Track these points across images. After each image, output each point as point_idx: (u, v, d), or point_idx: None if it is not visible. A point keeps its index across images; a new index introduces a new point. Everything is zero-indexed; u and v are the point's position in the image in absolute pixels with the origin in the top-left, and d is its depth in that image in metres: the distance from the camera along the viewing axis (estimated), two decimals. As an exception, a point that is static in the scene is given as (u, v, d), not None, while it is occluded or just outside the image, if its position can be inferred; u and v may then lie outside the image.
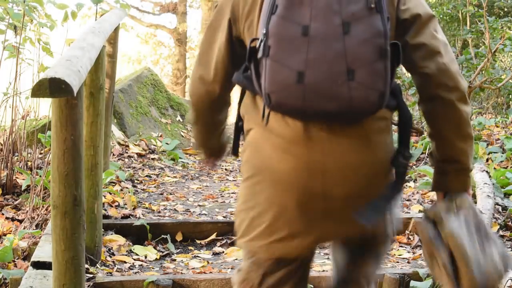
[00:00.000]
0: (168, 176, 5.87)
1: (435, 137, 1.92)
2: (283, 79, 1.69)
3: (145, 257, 3.97)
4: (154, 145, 6.56)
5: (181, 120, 7.31)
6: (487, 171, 4.76)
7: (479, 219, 1.93)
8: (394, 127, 1.94)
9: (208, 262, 3.90)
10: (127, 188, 5.06)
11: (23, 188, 4.66)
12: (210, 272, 3.66)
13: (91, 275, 3.40)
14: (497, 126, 7.03)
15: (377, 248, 2.05)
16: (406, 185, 5.33)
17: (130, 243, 4.07)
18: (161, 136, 6.80)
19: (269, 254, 1.91)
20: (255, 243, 1.91)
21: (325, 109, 1.70)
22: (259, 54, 1.74)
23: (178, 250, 4.16)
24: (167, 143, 6.63)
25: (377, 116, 1.78)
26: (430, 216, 1.94)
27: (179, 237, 4.25)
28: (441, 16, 9.55)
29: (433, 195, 4.84)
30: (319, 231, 1.86)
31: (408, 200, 4.84)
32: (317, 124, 1.77)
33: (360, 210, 1.79)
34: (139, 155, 6.28)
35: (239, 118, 2.00)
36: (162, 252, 4.10)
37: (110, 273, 3.60)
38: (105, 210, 4.38)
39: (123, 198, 4.70)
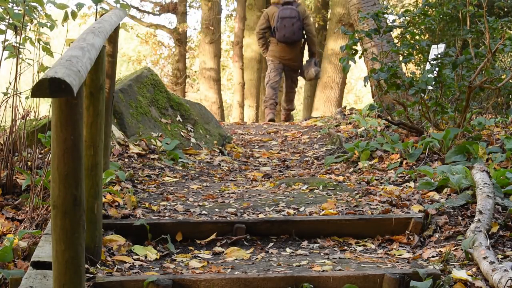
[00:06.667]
0: (168, 176, 5.87)
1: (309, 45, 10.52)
2: (280, 36, 9.99)
3: (145, 257, 3.97)
4: (154, 145, 6.56)
5: (181, 120, 7.31)
6: (487, 171, 4.76)
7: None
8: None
9: (208, 262, 3.91)
10: (127, 188, 5.06)
11: (23, 188, 4.66)
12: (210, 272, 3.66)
13: (91, 275, 3.40)
14: (497, 126, 7.02)
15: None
16: (406, 185, 5.34)
17: (130, 243, 4.07)
18: (161, 136, 6.80)
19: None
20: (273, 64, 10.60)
21: (290, 41, 10.04)
22: (274, 28, 10.18)
23: (178, 250, 4.16)
24: (167, 143, 6.63)
25: (298, 41, 10.16)
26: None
27: (179, 237, 4.25)
28: (441, 16, 9.54)
29: (433, 195, 4.85)
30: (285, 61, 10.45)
31: (408, 200, 4.84)
32: (287, 44, 10.17)
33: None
34: (139, 155, 6.28)
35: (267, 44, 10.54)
36: (162, 252, 4.10)
37: (110, 273, 3.60)
38: (105, 210, 4.38)
39: (123, 198, 4.70)
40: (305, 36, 10.05)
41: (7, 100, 4.91)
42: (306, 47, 10.62)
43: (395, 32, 9.38)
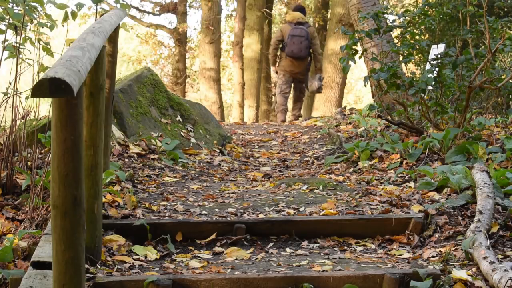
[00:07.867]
0: (168, 176, 5.87)
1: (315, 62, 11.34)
2: (289, 51, 10.97)
3: (145, 257, 3.97)
4: (154, 145, 6.56)
5: (181, 120, 7.31)
6: (487, 171, 4.76)
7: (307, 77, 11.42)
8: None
9: (208, 262, 3.91)
10: (127, 188, 5.06)
11: (23, 188, 4.66)
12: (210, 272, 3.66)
13: (91, 275, 3.40)
14: (497, 126, 7.02)
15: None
16: (406, 185, 5.34)
17: (130, 243, 4.07)
18: (161, 136, 6.80)
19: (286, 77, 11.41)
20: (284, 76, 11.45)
21: (297, 56, 10.99)
22: (285, 43, 11.06)
23: (178, 250, 4.16)
24: (167, 143, 6.63)
25: (305, 57, 11.06)
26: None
27: (179, 237, 4.25)
28: (441, 16, 9.54)
29: (433, 195, 4.85)
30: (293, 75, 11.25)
31: (408, 200, 4.84)
32: (294, 59, 11.01)
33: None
34: (139, 155, 6.28)
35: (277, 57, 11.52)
36: (162, 252, 4.10)
37: (110, 273, 3.60)
38: (105, 210, 4.38)
39: (123, 198, 4.70)
40: (312, 54, 11.40)
41: (7, 100, 4.91)
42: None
43: (395, 32, 9.38)
